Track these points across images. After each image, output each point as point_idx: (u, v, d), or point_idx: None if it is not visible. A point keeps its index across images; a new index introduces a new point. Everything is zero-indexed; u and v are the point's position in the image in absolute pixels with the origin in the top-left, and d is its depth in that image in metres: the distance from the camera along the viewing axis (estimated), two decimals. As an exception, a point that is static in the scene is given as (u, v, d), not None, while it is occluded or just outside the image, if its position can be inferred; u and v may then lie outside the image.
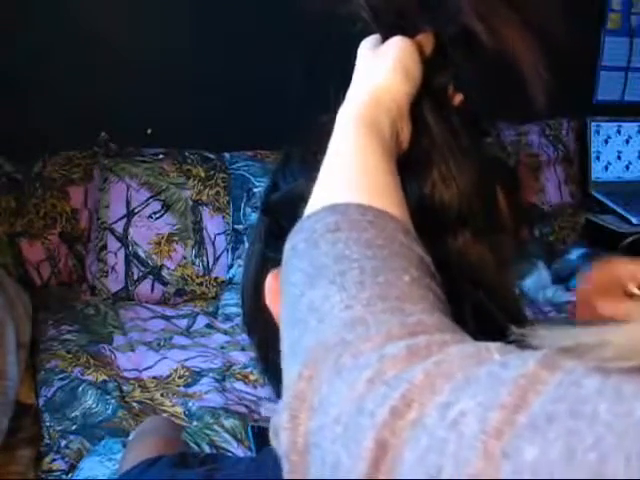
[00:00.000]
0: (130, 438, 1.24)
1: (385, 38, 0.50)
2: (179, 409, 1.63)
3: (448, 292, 0.39)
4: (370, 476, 0.28)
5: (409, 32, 0.49)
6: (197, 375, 1.78)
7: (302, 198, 0.42)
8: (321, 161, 0.43)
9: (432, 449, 0.27)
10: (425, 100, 0.48)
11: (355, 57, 0.51)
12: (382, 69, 0.47)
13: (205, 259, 2.20)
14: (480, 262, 0.47)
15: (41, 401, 1.65)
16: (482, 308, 0.46)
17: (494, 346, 0.30)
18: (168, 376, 1.77)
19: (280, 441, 0.33)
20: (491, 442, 0.25)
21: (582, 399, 0.25)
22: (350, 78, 0.50)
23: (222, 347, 1.93)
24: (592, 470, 0.23)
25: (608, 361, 0.25)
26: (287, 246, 0.40)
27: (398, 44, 0.48)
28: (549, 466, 0.24)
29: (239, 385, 1.74)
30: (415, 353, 0.31)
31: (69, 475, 1.41)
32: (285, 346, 0.37)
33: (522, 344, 0.29)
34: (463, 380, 0.28)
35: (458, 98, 0.50)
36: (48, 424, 1.56)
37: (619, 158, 2.92)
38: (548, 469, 0.24)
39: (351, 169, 0.42)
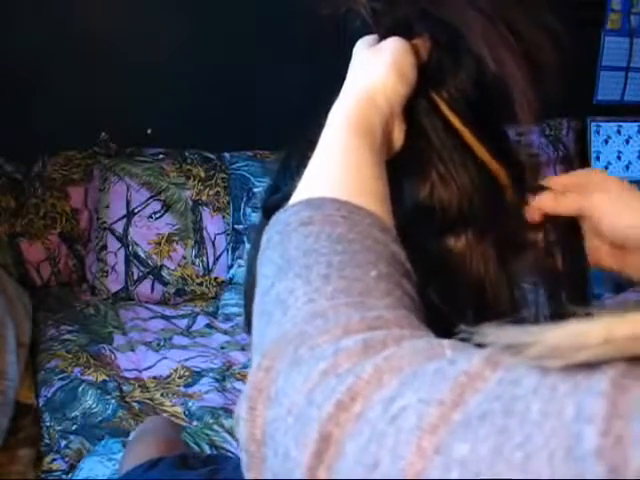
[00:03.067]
0: (130, 438, 1.25)
1: (382, 38, 0.50)
2: (179, 409, 1.63)
3: (449, 292, 0.38)
4: (313, 467, 0.28)
5: (406, 35, 0.49)
6: (197, 375, 1.77)
7: None
8: None
9: (372, 442, 0.27)
10: (421, 102, 0.48)
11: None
12: (376, 68, 0.47)
13: (205, 259, 2.20)
14: (481, 263, 0.47)
15: (41, 401, 1.65)
16: (482, 308, 0.46)
17: (447, 342, 0.31)
18: (168, 376, 1.77)
19: (239, 432, 0.33)
20: (426, 437, 0.26)
21: (517, 398, 0.25)
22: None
23: (222, 347, 1.93)
24: (517, 468, 0.23)
25: (543, 359, 0.25)
26: (263, 238, 0.41)
27: (394, 45, 0.48)
28: (477, 463, 0.24)
29: (239, 385, 1.74)
30: (370, 347, 0.31)
31: (69, 475, 1.41)
32: (253, 337, 0.37)
33: (473, 341, 0.29)
34: (411, 375, 0.29)
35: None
36: (48, 424, 1.56)
37: (619, 158, 2.92)
38: (476, 466, 0.24)
39: (335, 166, 0.42)
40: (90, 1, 2.21)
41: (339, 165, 0.42)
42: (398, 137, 0.48)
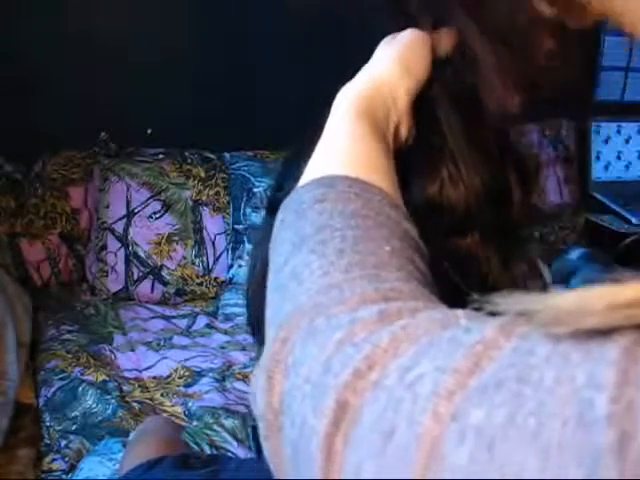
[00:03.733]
0: (130, 438, 1.24)
1: (400, 30, 0.50)
2: (179, 409, 1.63)
3: (453, 291, 0.38)
4: (330, 435, 0.29)
5: (425, 27, 0.49)
6: (197, 375, 1.77)
7: None
8: None
9: (388, 409, 0.27)
10: (435, 97, 0.48)
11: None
12: (384, 61, 0.48)
13: (205, 259, 2.20)
14: (486, 262, 0.47)
15: (41, 401, 1.65)
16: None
17: (461, 312, 0.31)
18: (168, 376, 1.77)
19: (257, 403, 0.34)
20: (442, 404, 0.26)
21: (531, 366, 0.25)
22: (349, 78, 0.50)
23: (222, 347, 1.93)
24: (530, 434, 0.23)
25: (551, 325, 0.26)
26: (277, 218, 0.41)
27: (405, 38, 0.49)
28: (492, 429, 0.24)
29: (239, 385, 1.74)
30: (386, 317, 0.31)
31: (69, 475, 1.41)
32: (267, 312, 0.38)
33: (484, 310, 0.29)
34: (427, 344, 0.29)
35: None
36: (48, 424, 1.56)
37: (619, 158, 2.92)
38: (491, 432, 0.24)
39: (342, 147, 0.43)
40: (90, 1, 2.20)
41: (346, 147, 0.43)
42: (405, 130, 0.48)
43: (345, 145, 0.43)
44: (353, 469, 0.28)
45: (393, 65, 0.47)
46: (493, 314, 0.29)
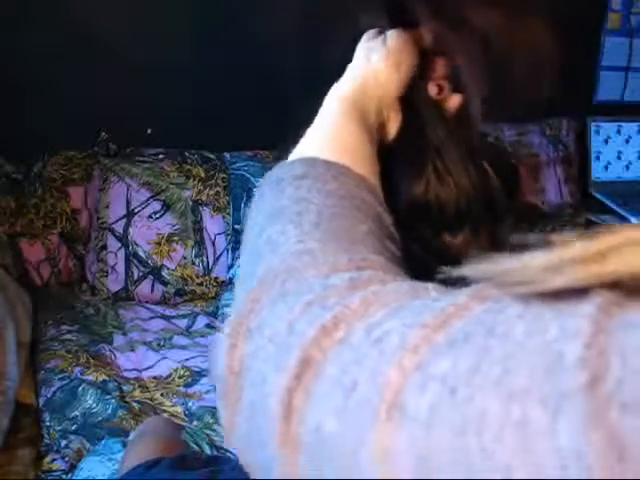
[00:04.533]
0: (130, 438, 1.25)
1: (384, 30, 0.52)
2: (179, 409, 1.63)
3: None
4: (290, 390, 0.28)
5: (411, 24, 0.50)
6: (197, 375, 1.78)
7: None
8: None
9: (353, 364, 0.27)
10: (420, 94, 0.49)
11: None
12: (374, 57, 0.50)
13: (205, 259, 2.20)
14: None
15: (41, 401, 1.65)
16: None
17: (432, 285, 0.31)
18: (168, 376, 1.77)
19: (217, 364, 0.33)
20: (407, 356, 0.26)
21: (501, 322, 0.25)
22: None
23: (222, 347, 1.93)
24: (494, 381, 0.23)
25: (518, 285, 0.25)
26: (256, 193, 0.43)
27: (394, 38, 0.50)
28: (455, 378, 0.24)
29: (239, 385, 1.74)
30: (357, 285, 0.31)
31: (69, 475, 1.41)
32: (240, 277, 0.38)
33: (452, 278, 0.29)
34: (397, 307, 0.29)
35: (456, 100, 0.51)
36: (48, 424, 1.56)
37: (619, 158, 2.92)
38: (454, 382, 0.24)
39: (326, 134, 0.45)
40: (90, 1, 2.20)
41: (331, 134, 0.45)
42: (393, 125, 0.50)
43: (330, 132, 0.45)
44: (314, 424, 0.27)
45: (383, 63, 0.49)
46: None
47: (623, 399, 0.20)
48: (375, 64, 0.49)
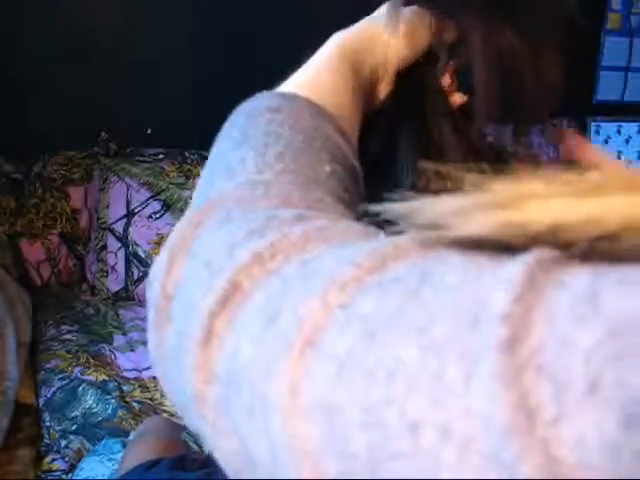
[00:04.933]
0: (130, 438, 1.25)
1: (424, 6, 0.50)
2: (179, 409, 1.63)
3: None
4: (213, 314, 0.27)
5: (443, 13, 0.49)
6: (197, 375, 1.77)
7: None
8: None
9: (279, 295, 0.26)
10: (431, 80, 0.49)
11: None
12: (388, 18, 0.48)
13: (205, 259, 2.20)
14: None
15: (41, 401, 1.65)
16: None
17: (384, 233, 0.29)
18: (168, 376, 1.77)
19: (152, 287, 0.32)
20: (333, 292, 0.24)
21: (437, 269, 0.23)
22: None
23: (222, 347, 1.93)
24: (417, 327, 0.21)
25: (428, 228, 0.25)
26: (230, 119, 0.42)
27: (415, 11, 0.49)
28: (379, 320, 0.23)
29: (239, 385, 1.74)
30: (302, 218, 0.30)
31: (69, 475, 1.41)
32: (193, 199, 0.37)
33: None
34: (339, 245, 0.28)
35: (459, 98, 0.51)
36: (48, 424, 1.57)
37: (619, 158, 2.92)
38: (376, 321, 0.23)
39: (314, 76, 0.44)
40: (90, 1, 2.21)
41: (317, 76, 0.44)
42: (384, 89, 0.49)
43: (317, 75, 0.44)
44: (231, 350, 0.26)
45: (395, 26, 0.48)
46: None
47: (541, 363, 0.19)
48: (389, 24, 0.48)
